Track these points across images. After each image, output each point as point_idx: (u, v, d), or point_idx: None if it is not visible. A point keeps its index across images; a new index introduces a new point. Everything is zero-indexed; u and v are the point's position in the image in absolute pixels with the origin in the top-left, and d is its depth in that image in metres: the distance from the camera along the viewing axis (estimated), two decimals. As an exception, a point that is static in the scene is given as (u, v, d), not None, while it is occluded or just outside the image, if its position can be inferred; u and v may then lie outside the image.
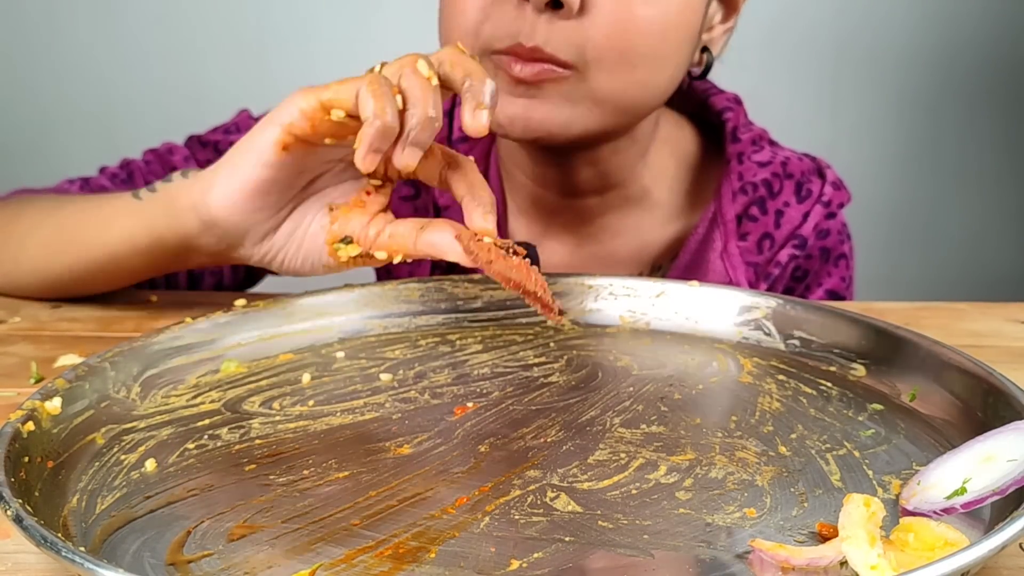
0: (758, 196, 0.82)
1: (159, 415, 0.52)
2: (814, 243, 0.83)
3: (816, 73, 1.63)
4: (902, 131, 1.67)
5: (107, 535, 0.40)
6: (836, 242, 0.84)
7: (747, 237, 0.82)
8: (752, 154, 0.83)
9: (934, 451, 0.47)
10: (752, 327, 0.63)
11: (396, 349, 0.62)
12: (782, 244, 0.82)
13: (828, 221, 0.83)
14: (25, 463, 0.43)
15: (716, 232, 0.82)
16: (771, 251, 0.82)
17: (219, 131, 0.89)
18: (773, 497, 0.43)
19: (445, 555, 0.38)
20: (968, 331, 0.69)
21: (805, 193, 0.83)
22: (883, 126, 1.67)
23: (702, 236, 0.82)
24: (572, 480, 0.45)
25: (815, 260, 0.84)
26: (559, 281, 0.68)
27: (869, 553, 0.36)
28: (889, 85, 1.64)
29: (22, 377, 0.59)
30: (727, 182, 0.82)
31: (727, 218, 0.82)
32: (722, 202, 0.82)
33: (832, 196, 0.83)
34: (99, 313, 0.72)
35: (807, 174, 0.84)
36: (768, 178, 0.82)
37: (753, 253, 0.82)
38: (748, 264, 0.82)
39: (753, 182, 0.82)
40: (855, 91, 1.64)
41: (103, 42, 1.58)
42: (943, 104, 1.65)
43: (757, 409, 0.53)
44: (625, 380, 0.57)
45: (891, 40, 1.60)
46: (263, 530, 0.40)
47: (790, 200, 0.82)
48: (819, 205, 0.82)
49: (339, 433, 0.50)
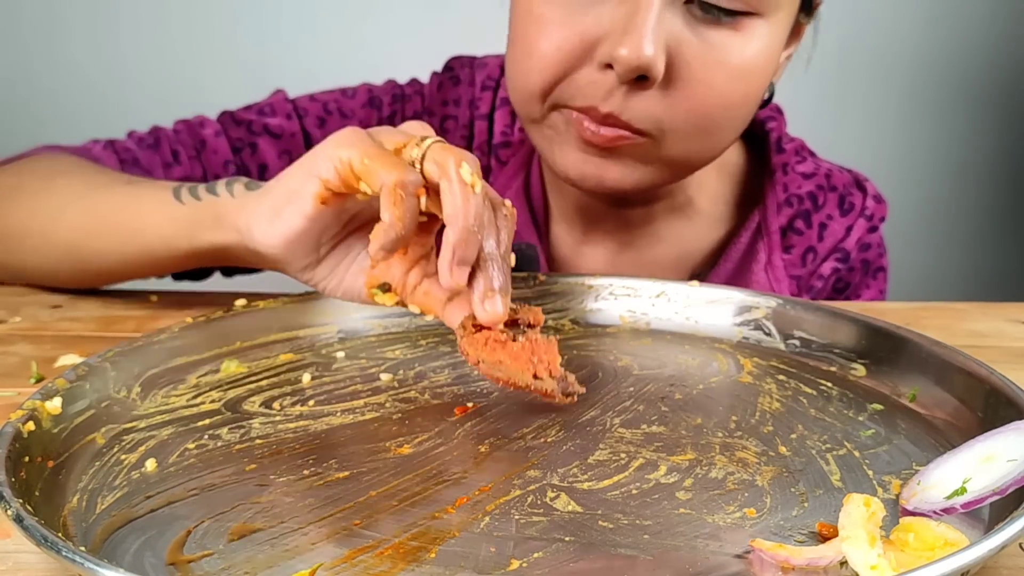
0: (803, 209, 0.82)
1: (159, 415, 0.52)
2: (856, 256, 0.83)
3: (819, 75, 1.63)
4: (903, 132, 1.67)
5: (107, 535, 0.40)
6: (876, 255, 0.84)
7: (791, 250, 0.81)
8: (796, 165, 0.83)
9: (934, 451, 0.47)
10: (752, 327, 0.63)
11: (396, 349, 0.62)
12: (825, 257, 0.82)
13: (870, 235, 0.83)
14: (25, 463, 0.43)
15: (760, 244, 0.82)
16: (814, 264, 0.82)
17: (253, 110, 0.87)
18: (773, 497, 0.43)
19: (445, 555, 0.38)
20: (968, 331, 0.69)
21: (848, 206, 0.83)
22: (883, 127, 1.67)
23: (745, 246, 0.82)
24: (572, 480, 0.45)
25: (856, 273, 0.84)
26: (559, 281, 0.68)
27: (869, 553, 0.36)
28: (891, 86, 1.64)
29: (22, 377, 0.59)
30: (772, 193, 0.82)
31: (772, 230, 0.81)
32: (767, 213, 0.82)
33: (874, 210, 0.83)
34: (99, 313, 0.72)
35: (848, 187, 0.84)
36: (813, 190, 0.82)
37: (797, 266, 0.82)
38: (791, 277, 0.81)
39: (798, 194, 0.82)
40: (857, 92, 1.64)
41: (102, 43, 1.58)
42: (944, 105, 1.65)
43: (757, 409, 0.53)
44: (625, 380, 0.57)
45: (893, 42, 1.60)
46: (263, 530, 0.40)
47: (833, 213, 0.82)
48: (862, 219, 0.82)
49: (339, 433, 0.50)
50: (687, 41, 0.64)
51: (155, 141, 0.84)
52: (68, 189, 0.70)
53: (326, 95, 0.88)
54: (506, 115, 0.85)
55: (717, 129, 0.68)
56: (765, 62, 0.68)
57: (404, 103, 0.88)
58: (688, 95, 0.65)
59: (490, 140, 0.85)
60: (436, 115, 0.87)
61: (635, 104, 0.65)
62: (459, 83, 0.87)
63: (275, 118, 0.86)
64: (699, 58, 0.64)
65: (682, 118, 0.66)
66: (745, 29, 0.65)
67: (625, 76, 0.63)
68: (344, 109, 0.87)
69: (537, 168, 0.85)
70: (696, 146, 0.69)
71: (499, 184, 0.85)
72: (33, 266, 0.73)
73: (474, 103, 0.86)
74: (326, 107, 0.87)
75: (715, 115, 0.67)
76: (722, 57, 0.65)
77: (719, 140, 0.70)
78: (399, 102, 0.88)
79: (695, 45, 0.64)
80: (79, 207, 0.68)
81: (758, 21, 0.66)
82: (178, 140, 0.84)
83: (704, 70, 0.65)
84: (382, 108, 0.87)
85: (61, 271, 0.73)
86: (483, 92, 0.86)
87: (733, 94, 0.67)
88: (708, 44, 0.65)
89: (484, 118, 0.86)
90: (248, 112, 0.87)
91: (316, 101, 0.88)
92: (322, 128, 0.87)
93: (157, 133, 0.85)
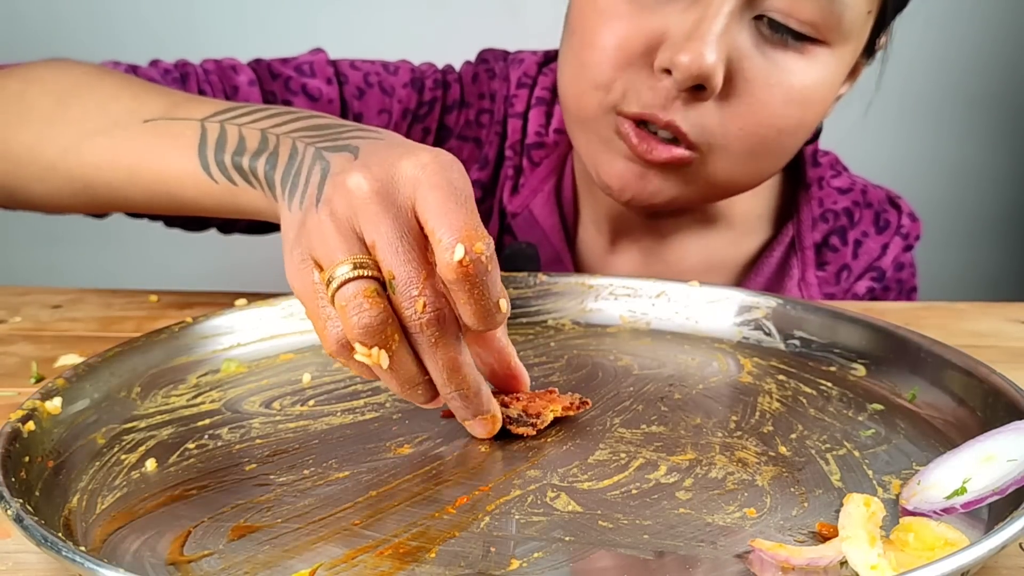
0: (839, 225, 0.80)
1: (159, 415, 0.52)
2: (892, 275, 0.81)
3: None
4: (901, 131, 1.67)
5: (107, 535, 0.40)
6: (910, 275, 0.83)
7: (826, 267, 0.80)
8: (831, 179, 0.81)
9: (934, 451, 0.47)
10: (752, 327, 0.63)
11: (396, 349, 0.62)
12: (859, 275, 0.80)
13: (905, 254, 0.81)
14: (25, 463, 0.43)
15: (794, 259, 0.80)
16: (848, 282, 0.80)
17: (290, 66, 0.81)
18: (773, 497, 0.43)
19: (445, 555, 0.38)
20: (968, 331, 0.69)
21: (883, 224, 0.81)
22: (882, 126, 1.67)
23: (778, 261, 0.81)
24: (572, 480, 0.45)
25: (891, 292, 0.82)
26: (560, 281, 0.68)
27: (869, 553, 0.36)
28: (888, 85, 1.64)
29: (22, 377, 0.59)
30: (807, 208, 0.80)
31: (806, 245, 0.80)
32: (802, 228, 0.80)
33: (910, 228, 0.82)
34: (99, 313, 0.72)
35: (882, 203, 0.83)
36: (849, 207, 0.81)
37: (831, 283, 0.80)
38: (825, 295, 0.80)
39: (834, 210, 0.80)
40: (854, 91, 1.64)
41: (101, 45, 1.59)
42: (943, 104, 1.65)
43: (757, 409, 0.53)
44: (625, 380, 0.57)
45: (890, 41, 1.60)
46: (263, 530, 0.40)
47: (869, 230, 0.81)
48: (898, 237, 0.81)
49: (339, 433, 0.50)
50: (750, 56, 0.63)
51: (182, 76, 0.77)
52: (84, 119, 0.63)
53: (368, 65, 0.83)
54: (541, 115, 0.82)
55: (767, 153, 0.67)
56: (824, 92, 0.67)
57: (446, 90, 0.84)
58: (744, 112, 0.64)
59: (523, 139, 0.83)
60: (473, 107, 0.84)
61: (691, 114, 0.64)
62: (494, 77, 0.85)
63: (315, 79, 0.81)
64: (760, 76, 0.64)
65: (735, 135, 0.65)
66: (810, 55, 0.64)
67: (684, 83, 0.62)
68: (385, 84, 0.82)
69: (570, 172, 0.83)
70: (742, 169, 0.68)
71: (530, 186, 0.82)
72: (40, 193, 0.66)
73: (509, 100, 0.84)
74: (367, 78, 0.82)
75: (768, 137, 0.66)
76: (783, 79, 0.64)
77: (765, 166, 0.69)
78: (440, 88, 0.84)
79: (758, 62, 0.63)
80: (97, 145, 0.61)
81: (824, 50, 0.65)
82: (207, 80, 0.78)
83: (763, 89, 0.64)
84: (423, 91, 0.83)
85: (74, 204, 0.67)
86: (519, 89, 0.83)
87: (789, 118, 0.65)
88: (771, 64, 0.64)
89: (519, 116, 0.83)
90: (286, 66, 0.81)
91: (358, 70, 0.82)
92: (360, 99, 0.81)
93: (185, 68, 0.78)
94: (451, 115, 0.84)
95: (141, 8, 1.57)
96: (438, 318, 0.42)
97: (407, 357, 0.43)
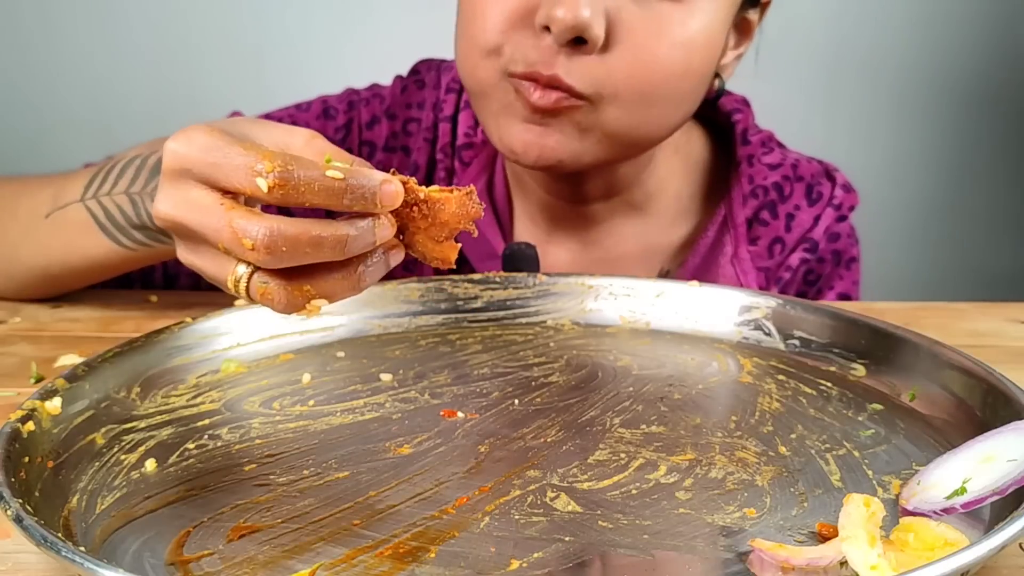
0: (769, 200, 0.81)
1: (159, 415, 0.52)
2: (825, 246, 0.82)
3: (813, 73, 1.62)
4: (901, 131, 1.67)
5: (107, 535, 0.40)
6: (847, 245, 0.84)
7: (758, 241, 0.81)
8: (762, 156, 0.83)
9: (934, 451, 0.47)
10: (752, 327, 0.63)
11: (396, 349, 0.62)
12: (793, 248, 0.81)
13: (839, 224, 0.82)
14: (25, 463, 0.43)
15: (726, 236, 0.81)
16: (782, 255, 0.81)
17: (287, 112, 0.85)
18: (773, 497, 0.43)
19: (445, 555, 0.38)
20: (968, 331, 0.69)
21: (816, 196, 0.82)
22: (881, 126, 1.67)
23: (712, 240, 0.82)
24: (572, 480, 0.45)
25: (827, 264, 0.83)
26: (559, 281, 0.68)
27: (869, 553, 0.36)
28: (887, 85, 1.64)
29: (22, 377, 0.59)
30: (737, 186, 0.82)
31: (738, 222, 0.81)
32: (732, 206, 0.82)
33: (843, 199, 0.82)
34: (99, 313, 0.72)
35: (816, 176, 0.83)
36: (779, 181, 0.82)
37: (764, 258, 0.81)
38: (759, 269, 0.81)
39: (764, 185, 0.81)
40: (852, 92, 1.64)
41: (100, 46, 1.58)
42: (942, 104, 1.65)
43: (757, 409, 0.53)
44: (625, 380, 0.57)
45: (888, 40, 1.60)
46: (263, 530, 0.40)
47: (800, 203, 0.82)
48: (830, 208, 0.82)
49: (339, 433, 0.50)
50: (628, 9, 0.66)
51: None
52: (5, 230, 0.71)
53: (280, 111, 0.87)
54: (470, 117, 0.85)
55: (659, 99, 0.69)
56: (706, 39, 0.69)
57: (360, 108, 0.87)
58: (629, 60, 0.66)
59: (453, 142, 0.85)
60: (399, 118, 0.87)
61: (576, 67, 0.66)
62: (424, 87, 0.88)
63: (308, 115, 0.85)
64: (639, 25, 0.66)
65: (623, 83, 0.67)
66: (688, 3, 0.67)
67: (561, 37, 0.64)
68: (299, 123, 0.85)
69: (501, 169, 0.85)
70: (636, 117, 0.69)
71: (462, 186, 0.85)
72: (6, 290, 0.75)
73: (438, 105, 0.86)
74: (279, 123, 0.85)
75: (655, 83, 0.68)
76: (663, 27, 0.67)
77: (660, 114, 0.71)
78: (354, 109, 0.87)
79: (636, 13, 0.66)
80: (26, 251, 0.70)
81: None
82: None
83: (645, 37, 0.66)
84: (336, 117, 0.86)
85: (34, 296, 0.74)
86: (447, 94, 0.86)
87: (674, 64, 0.68)
88: (650, 12, 0.66)
89: (448, 120, 0.86)
90: (284, 111, 0.85)
91: (270, 118, 0.85)
92: None
93: None
94: (373, 130, 0.87)
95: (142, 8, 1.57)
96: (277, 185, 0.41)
97: None
